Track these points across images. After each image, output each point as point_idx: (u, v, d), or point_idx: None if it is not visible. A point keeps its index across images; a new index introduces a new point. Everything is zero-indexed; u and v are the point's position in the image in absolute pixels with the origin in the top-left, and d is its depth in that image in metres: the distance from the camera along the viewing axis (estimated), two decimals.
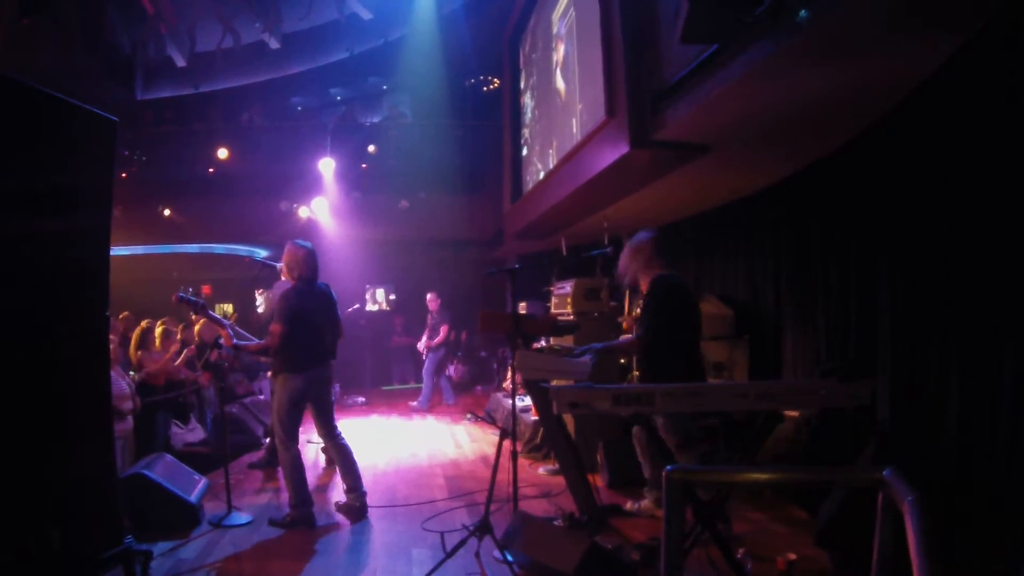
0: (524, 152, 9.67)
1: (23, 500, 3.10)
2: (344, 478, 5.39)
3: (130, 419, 6.08)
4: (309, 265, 5.34)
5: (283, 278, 5.34)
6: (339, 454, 5.39)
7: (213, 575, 4.22)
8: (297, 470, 5.16)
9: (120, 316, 8.79)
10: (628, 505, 5.28)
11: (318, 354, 5.32)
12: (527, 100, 9.53)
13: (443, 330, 11.48)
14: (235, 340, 5.37)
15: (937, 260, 4.16)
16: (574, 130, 7.13)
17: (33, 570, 3.08)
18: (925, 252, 4.29)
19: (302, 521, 5.08)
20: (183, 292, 5.38)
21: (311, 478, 5.66)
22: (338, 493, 5.75)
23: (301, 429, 5.31)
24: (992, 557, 3.38)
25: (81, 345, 3.56)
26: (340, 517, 5.31)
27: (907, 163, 4.45)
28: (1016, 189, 3.50)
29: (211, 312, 5.46)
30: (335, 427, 5.45)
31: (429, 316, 11.85)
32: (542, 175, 8.06)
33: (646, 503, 5.16)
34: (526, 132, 9.62)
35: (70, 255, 3.46)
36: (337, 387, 11.52)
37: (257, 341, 5.55)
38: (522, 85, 10.37)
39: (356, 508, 5.31)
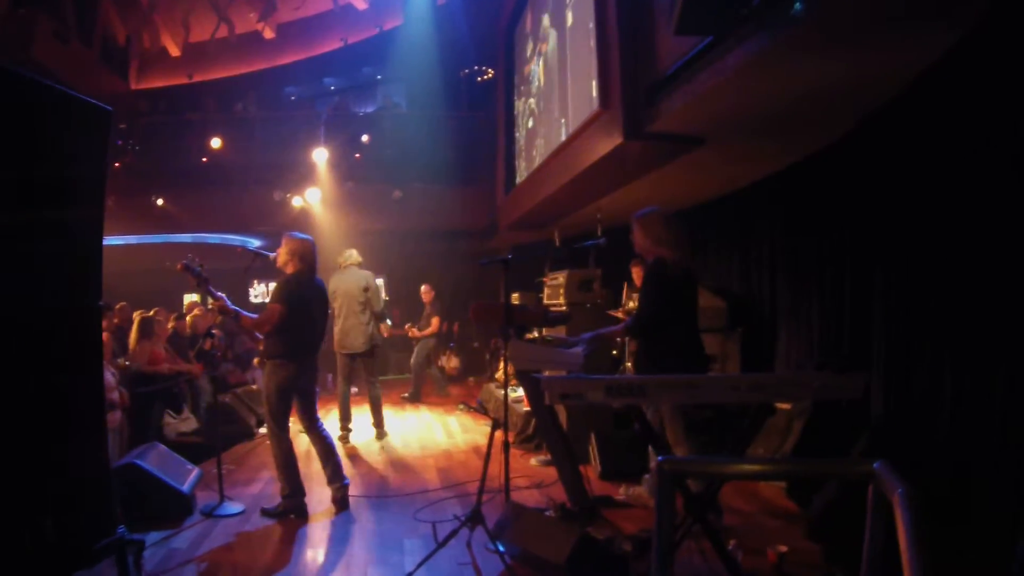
0: (531, 123, 9.54)
1: (17, 493, 3.09)
2: (325, 468, 5.38)
3: (118, 411, 6.06)
4: (312, 256, 5.35)
5: (279, 267, 5.29)
6: (319, 445, 5.39)
7: (205, 565, 4.22)
8: (289, 460, 5.15)
9: (117, 307, 8.74)
10: (621, 490, 5.29)
11: (311, 344, 5.32)
12: (534, 67, 9.42)
13: (434, 322, 11.47)
14: (230, 305, 5.25)
15: (932, 255, 4.16)
16: (567, 121, 7.11)
17: (26, 561, 3.08)
18: (920, 246, 4.28)
19: (294, 511, 5.09)
20: (188, 261, 5.31)
21: (305, 468, 5.66)
22: None
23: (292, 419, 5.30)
24: (986, 553, 3.39)
25: (73, 336, 3.53)
26: (332, 507, 5.31)
27: (903, 157, 4.45)
28: (1010, 183, 3.50)
29: (211, 287, 5.41)
30: (317, 418, 5.44)
31: (424, 309, 11.84)
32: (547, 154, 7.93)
33: (640, 489, 5.16)
34: (532, 102, 9.50)
35: (63, 246, 3.43)
36: (329, 377, 11.51)
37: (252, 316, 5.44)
38: (517, 76, 10.34)
39: (338, 499, 5.32)
